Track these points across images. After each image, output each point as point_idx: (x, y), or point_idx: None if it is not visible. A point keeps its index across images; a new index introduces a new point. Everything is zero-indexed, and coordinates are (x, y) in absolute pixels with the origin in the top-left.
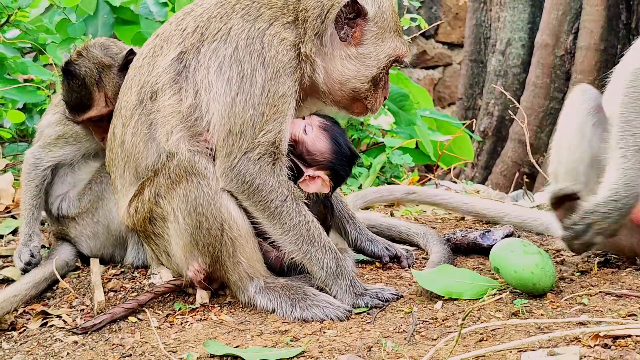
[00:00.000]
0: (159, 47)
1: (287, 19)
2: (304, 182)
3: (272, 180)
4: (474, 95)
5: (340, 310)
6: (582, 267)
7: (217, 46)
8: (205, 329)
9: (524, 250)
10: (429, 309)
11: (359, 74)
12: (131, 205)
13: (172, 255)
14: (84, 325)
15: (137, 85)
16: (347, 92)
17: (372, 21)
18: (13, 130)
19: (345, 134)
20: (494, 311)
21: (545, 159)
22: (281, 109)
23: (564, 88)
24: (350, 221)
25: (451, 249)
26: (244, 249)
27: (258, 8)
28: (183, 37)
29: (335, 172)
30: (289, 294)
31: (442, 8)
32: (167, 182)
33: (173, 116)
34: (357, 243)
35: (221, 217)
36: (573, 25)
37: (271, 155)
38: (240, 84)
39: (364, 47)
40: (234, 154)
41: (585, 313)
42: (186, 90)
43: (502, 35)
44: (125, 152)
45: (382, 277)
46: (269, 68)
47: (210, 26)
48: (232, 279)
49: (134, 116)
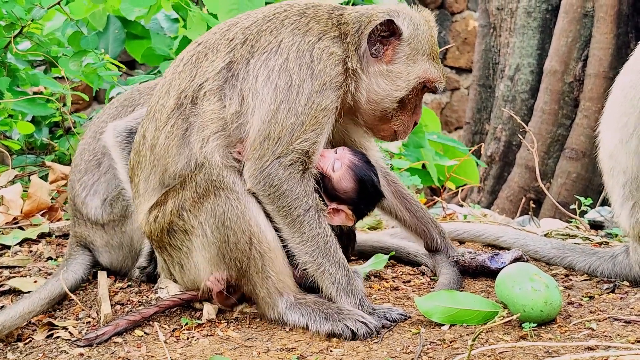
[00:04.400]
0: (203, 54)
1: (333, 32)
2: (329, 214)
3: (299, 188)
4: (482, 120)
5: (371, 327)
6: (590, 293)
7: (267, 57)
8: (211, 344)
9: (532, 288)
10: (436, 330)
11: (388, 93)
12: (151, 213)
13: (188, 268)
14: (87, 336)
15: (177, 90)
16: (378, 112)
17: (406, 42)
18: (22, 142)
19: (374, 172)
20: (502, 334)
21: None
22: (320, 122)
23: (572, 115)
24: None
25: (459, 271)
26: (273, 263)
27: (307, 22)
28: (231, 47)
29: (358, 208)
30: (322, 308)
31: (451, 33)
32: (194, 196)
33: (213, 122)
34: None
35: (250, 230)
36: (582, 53)
37: (302, 163)
38: (287, 92)
39: (394, 65)
40: (267, 157)
41: (594, 338)
42: (231, 98)
43: (511, 60)
44: (155, 156)
45: (390, 298)
46: (316, 80)
47: (261, 39)
48: (261, 295)
49: (170, 120)
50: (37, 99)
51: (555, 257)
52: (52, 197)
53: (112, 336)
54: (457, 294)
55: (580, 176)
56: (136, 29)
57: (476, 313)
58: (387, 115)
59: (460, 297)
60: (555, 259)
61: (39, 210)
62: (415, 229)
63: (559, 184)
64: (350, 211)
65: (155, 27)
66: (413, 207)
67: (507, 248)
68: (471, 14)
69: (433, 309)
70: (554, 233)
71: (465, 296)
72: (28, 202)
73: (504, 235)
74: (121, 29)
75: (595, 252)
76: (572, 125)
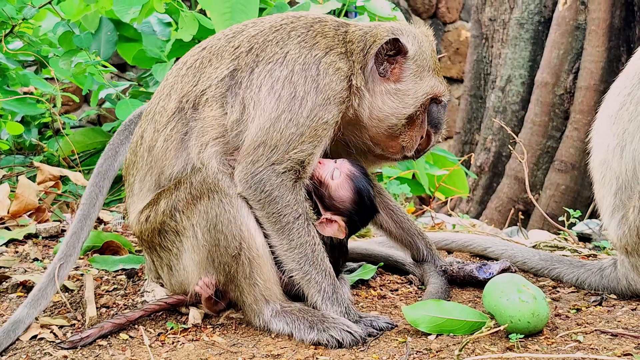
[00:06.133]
0: (207, 59)
1: (340, 49)
2: (321, 224)
3: (290, 195)
4: (472, 131)
5: (356, 336)
6: (577, 305)
7: (272, 67)
8: (196, 349)
9: (520, 299)
10: (423, 339)
11: (396, 111)
12: (143, 212)
13: (177, 270)
14: (71, 338)
15: (179, 93)
16: (384, 129)
17: (412, 59)
18: (10, 142)
19: (371, 186)
20: (488, 344)
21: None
22: (320, 134)
23: (562, 127)
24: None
25: (447, 281)
26: (261, 270)
27: (314, 36)
28: (236, 54)
29: (352, 221)
30: (306, 316)
31: (443, 42)
32: (188, 197)
33: (214, 128)
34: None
35: (240, 235)
36: (574, 65)
37: (296, 172)
38: (289, 103)
39: (403, 84)
40: (261, 162)
41: (581, 350)
42: (232, 106)
43: (502, 72)
44: (152, 158)
45: (377, 306)
46: (321, 94)
47: (267, 49)
48: (247, 302)
49: (170, 123)
50: (27, 99)
51: (543, 268)
52: (40, 198)
53: (96, 339)
54: (445, 304)
55: (569, 188)
56: (128, 31)
57: (463, 323)
58: (396, 132)
59: (448, 306)
60: (543, 271)
61: (26, 211)
62: (401, 240)
63: (547, 195)
64: (343, 223)
65: (147, 29)
66: (399, 219)
67: (495, 258)
68: (463, 25)
69: (420, 318)
70: (542, 244)
71: (453, 306)
72: (15, 202)
73: (492, 246)
74: (113, 31)
75: (583, 265)
76: (562, 138)
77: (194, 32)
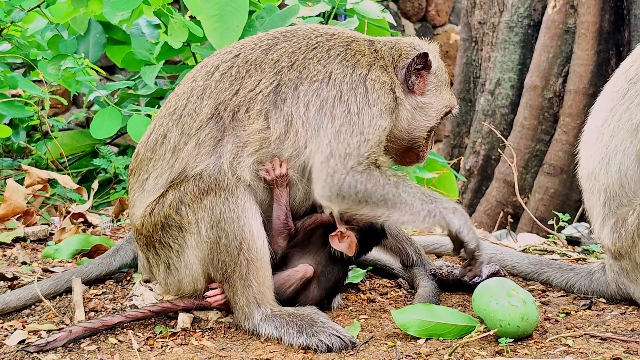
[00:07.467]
0: (245, 70)
1: (379, 63)
2: (335, 236)
3: (381, 178)
4: (461, 134)
5: (345, 341)
6: (567, 309)
7: (318, 87)
8: (185, 353)
9: (509, 303)
10: (412, 343)
11: (422, 123)
12: (150, 205)
13: (176, 268)
14: (36, 343)
15: (214, 100)
16: (407, 142)
17: (434, 74)
18: None
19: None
20: (478, 349)
21: (529, 200)
22: (382, 140)
23: (551, 130)
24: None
25: (437, 284)
26: (257, 273)
27: (353, 54)
28: (277, 69)
29: (364, 239)
30: (296, 320)
31: None
32: (195, 190)
33: (256, 140)
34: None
35: (242, 236)
36: (563, 69)
37: (375, 163)
38: (345, 118)
39: (427, 97)
40: (339, 172)
41: (570, 354)
42: (277, 121)
43: (492, 75)
44: (177, 159)
45: (367, 310)
46: (374, 107)
47: (309, 67)
48: (240, 303)
49: (204, 129)
50: (15, 102)
51: (532, 272)
52: (28, 201)
53: (66, 343)
54: (434, 308)
55: (558, 192)
56: (117, 34)
57: (453, 327)
58: (417, 144)
59: (437, 310)
60: (532, 275)
61: (14, 214)
62: (390, 247)
63: (536, 199)
64: (355, 240)
65: (136, 32)
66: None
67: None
68: (453, 28)
69: (410, 322)
70: (531, 248)
71: (442, 310)
72: (3, 205)
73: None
74: (102, 34)
75: (573, 269)
76: (551, 141)
77: (183, 39)
